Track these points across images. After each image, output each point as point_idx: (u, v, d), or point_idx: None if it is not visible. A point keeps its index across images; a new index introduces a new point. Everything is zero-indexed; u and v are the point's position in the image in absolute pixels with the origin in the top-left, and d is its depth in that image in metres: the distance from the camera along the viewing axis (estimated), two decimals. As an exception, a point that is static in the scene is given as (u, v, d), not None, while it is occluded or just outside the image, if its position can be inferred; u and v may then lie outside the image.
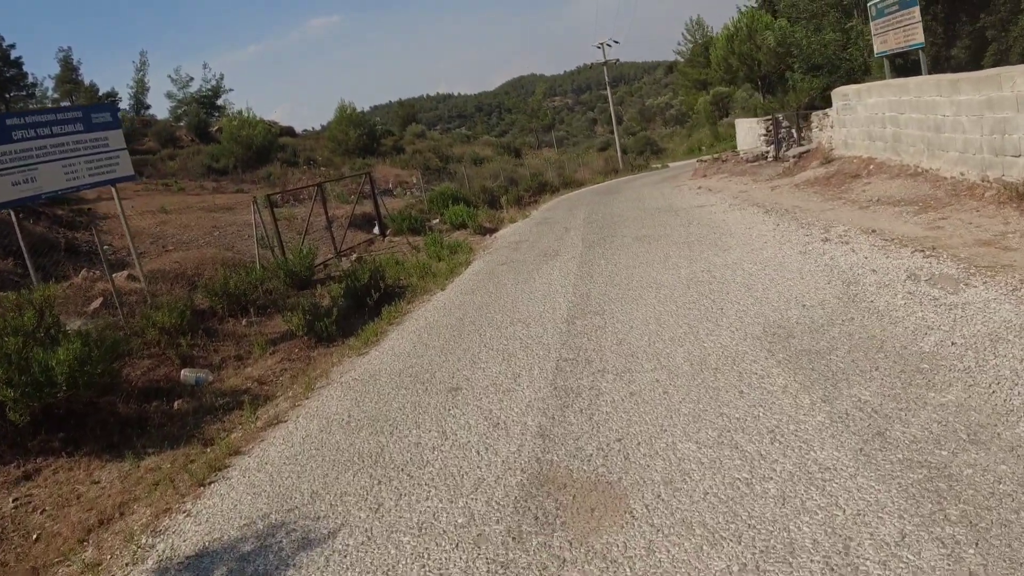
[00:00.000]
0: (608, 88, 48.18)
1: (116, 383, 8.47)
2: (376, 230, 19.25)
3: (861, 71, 20.22)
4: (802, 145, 17.54)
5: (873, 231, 8.79)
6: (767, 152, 19.30)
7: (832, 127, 15.31)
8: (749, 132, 22.50)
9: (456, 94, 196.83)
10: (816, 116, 16.85)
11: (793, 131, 19.14)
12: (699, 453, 4.07)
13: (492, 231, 18.84)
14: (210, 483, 5.34)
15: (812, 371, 4.87)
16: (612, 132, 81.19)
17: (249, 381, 8.75)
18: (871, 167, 12.97)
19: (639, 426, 4.60)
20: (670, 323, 6.71)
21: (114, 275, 13.18)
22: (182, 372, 9.13)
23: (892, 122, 12.45)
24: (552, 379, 5.83)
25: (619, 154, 46.27)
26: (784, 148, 19.04)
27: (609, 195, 22.04)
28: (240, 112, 49.69)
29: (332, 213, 20.30)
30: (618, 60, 47.80)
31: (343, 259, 16.48)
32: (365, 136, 52.99)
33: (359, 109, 54.13)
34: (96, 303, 11.67)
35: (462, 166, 38.52)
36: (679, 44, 79.84)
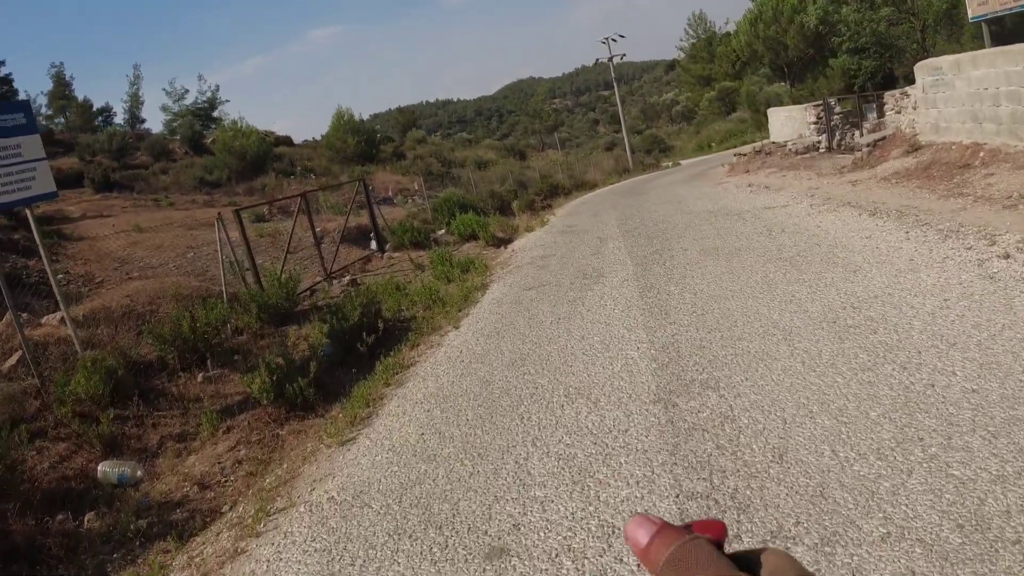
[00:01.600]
0: (615, 84, 45.36)
1: (13, 484, 5.85)
2: (374, 245, 16.49)
3: (916, 51, 17.38)
4: (870, 132, 14.77)
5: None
6: (818, 142, 16.50)
7: (915, 108, 12.53)
8: (788, 122, 19.70)
9: (456, 99, 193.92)
10: (891, 97, 14.06)
11: (848, 118, 16.35)
12: None
13: (507, 242, 16.07)
14: None
15: None
16: (617, 131, 78.47)
17: (188, 483, 5.99)
18: (981, 155, 10.16)
19: None
20: (851, 415, 3.95)
21: (47, 318, 10.46)
22: (100, 466, 6.40)
23: (1013, 98, 9.65)
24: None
25: (629, 153, 43.46)
26: (839, 137, 16.27)
27: (634, 196, 19.23)
28: (234, 122, 47.18)
29: (323, 227, 17.54)
30: (624, 55, 44.90)
31: (334, 282, 13.70)
32: (363, 143, 50.31)
33: (358, 117, 51.31)
34: (13, 359, 8.92)
35: (467, 170, 35.78)
36: (681, 40, 77.03)
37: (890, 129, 13.55)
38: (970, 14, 12.13)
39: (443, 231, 18.15)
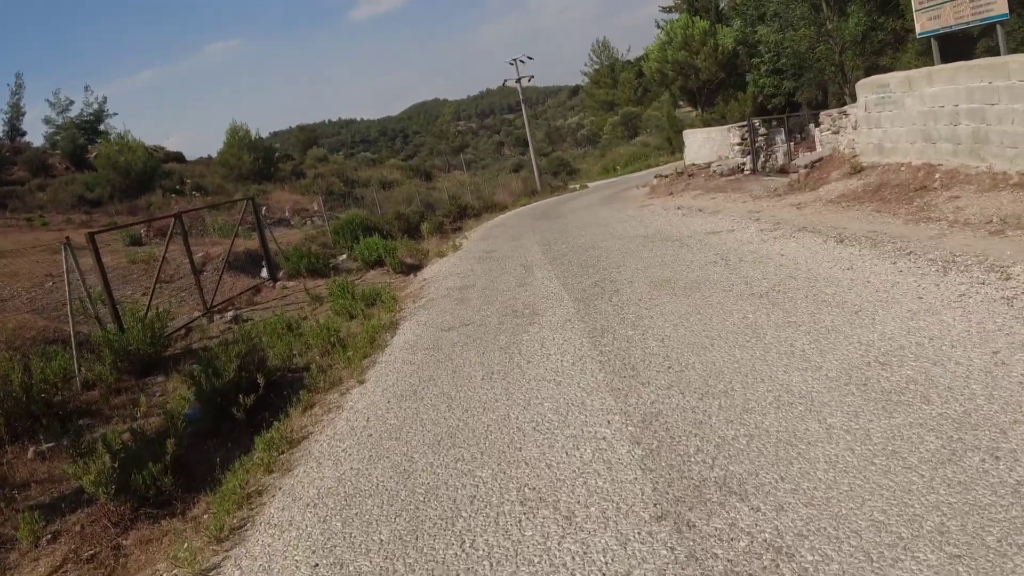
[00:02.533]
0: (523, 105, 44.54)
1: None
2: (264, 273, 14.47)
3: (835, 72, 17.01)
4: (805, 153, 14.07)
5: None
6: (743, 164, 15.79)
7: (856, 128, 11.82)
8: (706, 143, 19.03)
9: (359, 119, 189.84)
10: (827, 117, 13.37)
11: (776, 139, 15.70)
12: None
13: (417, 268, 14.44)
14: None
15: None
16: (524, 154, 78.15)
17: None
18: (937, 176, 9.41)
19: None
20: (961, 542, 2.63)
21: None
22: None
23: (973, 116, 8.93)
24: None
25: (537, 175, 42.64)
26: (763, 159, 15.59)
27: (552, 219, 17.99)
28: (120, 136, 43.44)
29: (206, 252, 15.37)
30: (532, 77, 44.25)
31: (216, 318, 11.67)
32: (260, 160, 47.39)
33: (255, 134, 48.17)
34: None
35: (371, 190, 33.82)
36: (585, 65, 77.86)
37: (826, 150, 12.86)
38: (919, 29, 11.55)
39: (345, 256, 16.32)
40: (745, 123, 15.98)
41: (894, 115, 10.63)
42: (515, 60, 41.98)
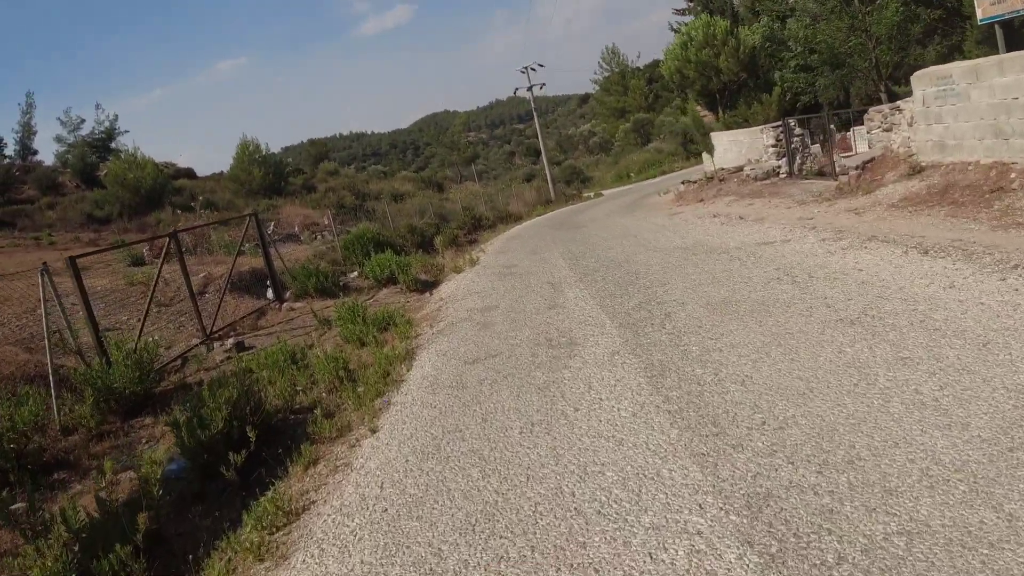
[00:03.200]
0: (535, 113, 43.61)
1: None
2: (270, 294, 13.48)
3: (868, 67, 15.89)
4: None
5: None
6: (778, 167, 14.68)
7: (911, 125, 10.71)
8: (732, 147, 17.94)
9: (370, 132, 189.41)
10: (877, 113, 12.23)
11: (807, 140, 14.58)
12: None
13: (432, 286, 13.42)
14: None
15: None
16: (536, 163, 77.37)
17: None
18: (1013, 176, 8.30)
19: None
20: None
21: None
22: None
23: (1057, 106, 7.79)
24: None
25: (550, 184, 41.67)
26: (799, 160, 14.47)
27: (572, 229, 16.93)
28: (130, 153, 42.88)
29: (208, 273, 14.42)
30: (544, 84, 43.43)
31: (216, 345, 10.68)
32: (270, 175, 46.68)
33: (269, 150, 47.36)
34: None
35: (383, 203, 32.91)
36: (595, 73, 77.12)
37: (876, 149, 11.74)
38: (980, 15, 10.48)
39: (356, 274, 15.33)
40: (779, 123, 14.87)
41: (958, 109, 9.50)
42: (526, 68, 41.13)
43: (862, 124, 16.56)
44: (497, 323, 8.19)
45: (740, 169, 15.93)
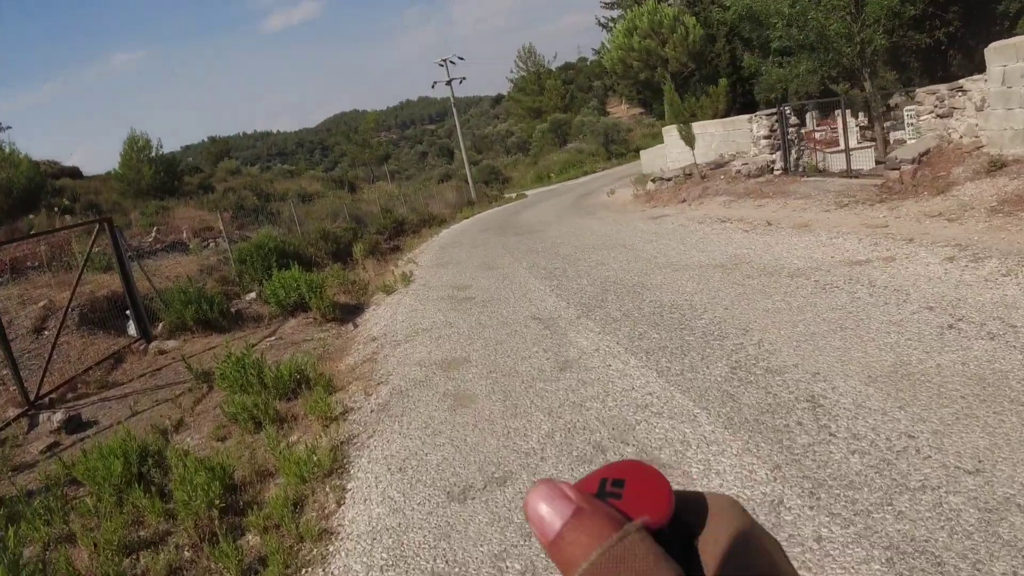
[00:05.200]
0: (454, 110, 40.42)
1: None
2: (132, 329, 9.80)
3: (855, 53, 13.59)
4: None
5: None
6: (772, 162, 12.13)
7: (981, 109, 8.28)
8: (699, 140, 15.35)
9: (276, 131, 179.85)
10: (929, 95, 9.67)
11: (801, 132, 12.07)
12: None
13: (356, 312, 10.14)
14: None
15: None
16: (450, 163, 74.05)
17: None
18: None
19: None
20: None
21: None
22: None
23: None
24: None
25: (471, 184, 38.68)
26: (796, 155, 11.99)
27: (523, 236, 13.86)
28: (0, 149, 36.81)
29: (51, 299, 10.59)
30: (464, 79, 40.13)
31: (45, 417, 7.05)
32: (162, 173, 41.46)
33: (160, 146, 41.96)
34: None
35: (289, 203, 28.86)
36: (511, 72, 74.75)
37: (928, 140, 9.26)
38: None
39: (254, 295, 11.75)
40: (774, 111, 12.34)
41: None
42: (445, 61, 38.01)
43: (856, 115, 14.30)
44: (479, 397, 5.05)
45: (721, 165, 13.31)
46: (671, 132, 16.95)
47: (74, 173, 48.75)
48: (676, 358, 4.93)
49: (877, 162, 11.48)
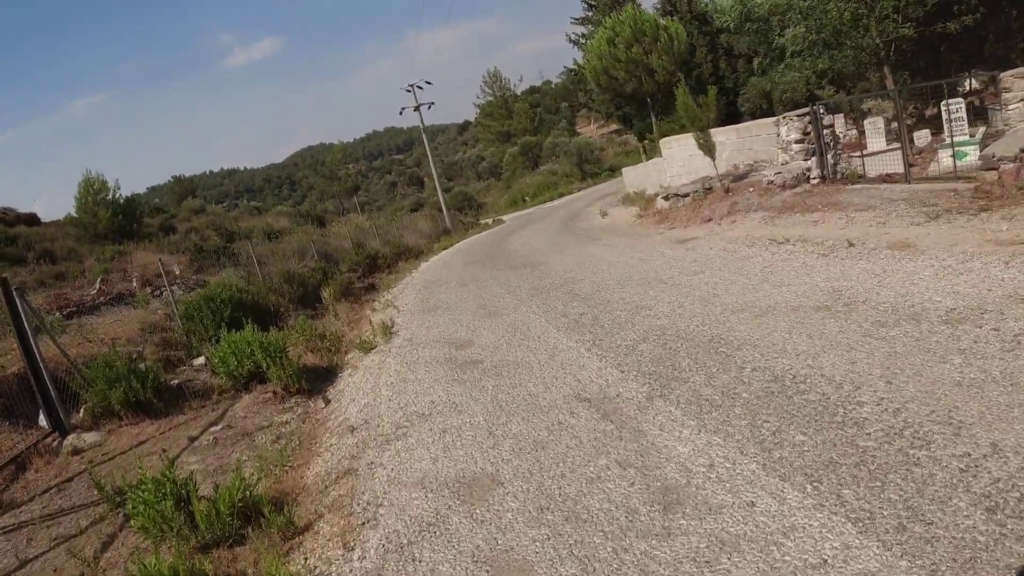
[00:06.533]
0: (424, 135, 38.59)
1: None
2: (42, 420, 7.55)
3: (871, 46, 11.97)
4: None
5: None
6: (807, 170, 10.34)
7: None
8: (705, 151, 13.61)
9: (243, 168, 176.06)
10: (1018, 80, 7.91)
11: (836, 133, 10.31)
12: None
13: (328, 378, 8.08)
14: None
15: None
16: (421, 191, 72.15)
17: None
18: None
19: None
20: None
21: None
22: None
23: None
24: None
25: (445, 212, 36.75)
26: (832, 160, 10.22)
27: (521, 270, 11.84)
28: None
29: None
30: (433, 104, 38.53)
31: None
32: (120, 216, 38.92)
33: (118, 187, 39.20)
34: None
35: (251, 243, 26.55)
36: (478, 97, 73.54)
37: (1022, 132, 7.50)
38: None
39: (201, 360, 9.57)
40: (806, 111, 10.56)
41: None
42: (412, 86, 36.21)
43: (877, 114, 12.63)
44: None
45: (742, 176, 11.48)
46: (670, 144, 15.17)
47: (31, 220, 45.70)
48: (875, 494, 2.94)
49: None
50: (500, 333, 7.35)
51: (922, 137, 13.43)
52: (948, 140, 10.50)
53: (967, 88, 13.65)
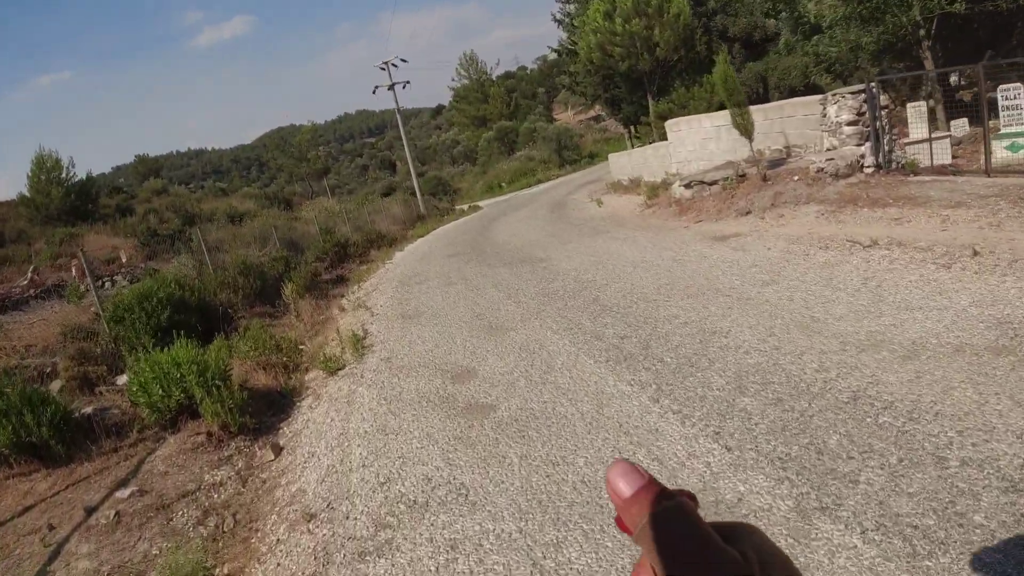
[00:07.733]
0: (399, 116, 36.41)
1: None
2: None
3: (910, 19, 10.33)
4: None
5: None
6: (861, 157, 8.68)
7: None
8: (723, 133, 11.94)
9: (210, 149, 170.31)
10: None
11: (890, 116, 8.68)
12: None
13: (281, 408, 6.21)
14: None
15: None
16: (393, 175, 69.71)
17: None
18: None
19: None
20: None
21: None
22: None
23: None
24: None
25: (419, 197, 34.76)
26: (887, 148, 8.59)
27: (519, 267, 9.99)
28: None
29: None
30: (408, 83, 36.29)
31: None
32: (74, 195, 36.49)
33: (72, 166, 36.36)
34: None
35: (211, 226, 24.27)
36: (453, 80, 71.37)
37: None
38: None
39: (125, 379, 7.60)
40: (859, 87, 8.85)
41: None
42: (387, 64, 33.99)
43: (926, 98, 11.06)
44: None
45: (778, 163, 9.79)
46: (679, 126, 13.43)
47: (-20, 201, 42.59)
48: None
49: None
50: (511, 359, 5.53)
51: (959, 126, 11.91)
52: (1003, 130, 9.07)
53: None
